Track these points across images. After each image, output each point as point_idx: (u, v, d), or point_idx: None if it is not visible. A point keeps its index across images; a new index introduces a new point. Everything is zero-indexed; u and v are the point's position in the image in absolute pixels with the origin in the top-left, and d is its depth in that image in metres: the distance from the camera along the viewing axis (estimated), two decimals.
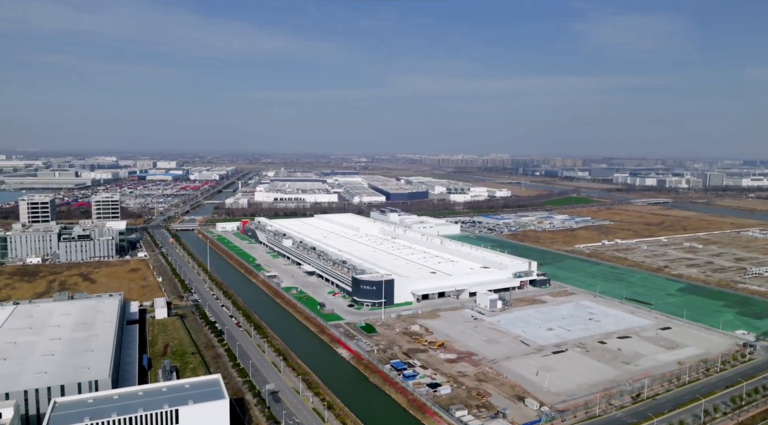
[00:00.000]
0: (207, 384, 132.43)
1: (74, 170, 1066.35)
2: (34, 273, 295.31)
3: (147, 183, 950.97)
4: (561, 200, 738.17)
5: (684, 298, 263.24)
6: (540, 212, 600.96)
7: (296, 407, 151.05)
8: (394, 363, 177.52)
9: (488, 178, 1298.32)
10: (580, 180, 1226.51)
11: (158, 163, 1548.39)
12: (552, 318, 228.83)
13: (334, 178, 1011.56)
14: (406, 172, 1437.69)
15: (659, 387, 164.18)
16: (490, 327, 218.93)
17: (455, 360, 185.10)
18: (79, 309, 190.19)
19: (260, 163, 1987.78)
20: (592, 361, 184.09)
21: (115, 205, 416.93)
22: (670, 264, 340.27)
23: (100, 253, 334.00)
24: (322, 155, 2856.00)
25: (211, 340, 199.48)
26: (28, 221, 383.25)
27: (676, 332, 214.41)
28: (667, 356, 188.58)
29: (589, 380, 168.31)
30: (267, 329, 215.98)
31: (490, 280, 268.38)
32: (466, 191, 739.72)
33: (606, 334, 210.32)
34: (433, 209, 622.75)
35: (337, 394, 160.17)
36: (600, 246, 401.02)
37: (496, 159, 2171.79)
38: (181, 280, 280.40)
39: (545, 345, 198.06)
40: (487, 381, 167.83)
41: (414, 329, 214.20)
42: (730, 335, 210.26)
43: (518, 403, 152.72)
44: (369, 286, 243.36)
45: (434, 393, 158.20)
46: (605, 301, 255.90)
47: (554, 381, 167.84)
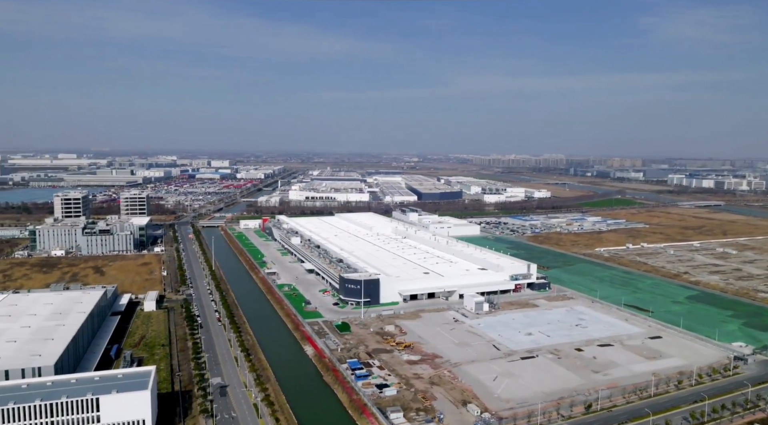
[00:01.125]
0: (138, 375, 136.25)
1: (130, 169, 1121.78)
2: (53, 265, 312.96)
3: (195, 181, 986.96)
4: (601, 202, 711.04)
5: (690, 306, 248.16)
6: (573, 214, 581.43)
7: (238, 401, 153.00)
8: (350, 363, 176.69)
9: (535, 178, 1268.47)
10: (632, 181, 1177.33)
11: (212, 162, 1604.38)
12: (537, 323, 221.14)
13: (374, 177, 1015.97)
14: (452, 171, 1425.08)
15: (620, 399, 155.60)
16: (467, 329, 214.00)
17: (417, 361, 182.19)
18: (63, 299, 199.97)
19: (311, 163, 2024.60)
20: (559, 369, 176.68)
21: (142, 202, 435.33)
22: (691, 270, 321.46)
23: (119, 247, 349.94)
24: (375, 155, 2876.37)
25: (186, 333, 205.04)
26: (61, 216, 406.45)
27: (665, 342, 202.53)
28: (644, 366, 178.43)
29: (549, 388, 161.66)
30: (245, 324, 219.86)
31: (484, 282, 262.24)
32: (502, 191, 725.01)
33: (587, 341, 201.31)
34: (463, 209, 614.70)
35: (285, 391, 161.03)
36: (623, 249, 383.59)
37: (550, 159, 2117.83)
38: (182, 275, 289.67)
39: (516, 351, 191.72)
40: (439, 384, 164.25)
41: (388, 329, 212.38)
42: (723, 347, 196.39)
43: (461, 408, 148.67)
44: (354, 285, 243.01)
45: (380, 394, 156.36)
46: (602, 307, 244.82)
47: (510, 387, 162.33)
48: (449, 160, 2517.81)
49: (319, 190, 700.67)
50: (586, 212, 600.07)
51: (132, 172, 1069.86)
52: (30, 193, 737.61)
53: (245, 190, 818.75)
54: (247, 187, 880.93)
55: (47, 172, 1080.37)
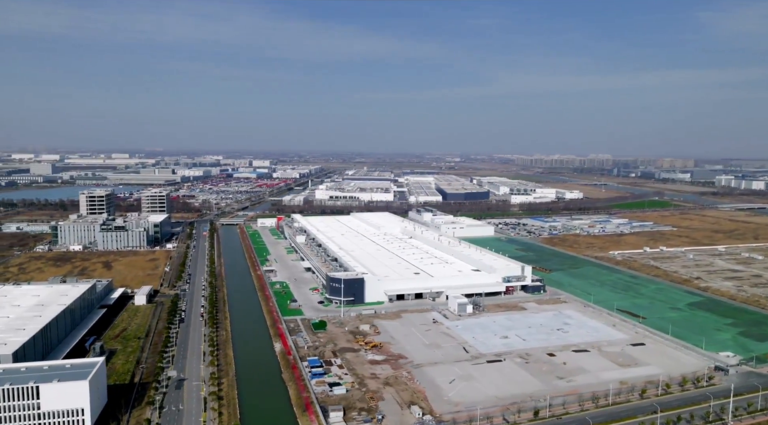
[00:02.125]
0: (84, 366, 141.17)
1: (172, 168, 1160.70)
2: (68, 259, 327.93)
3: (231, 180, 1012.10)
4: (633, 203, 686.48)
5: (688, 313, 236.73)
6: (600, 215, 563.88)
7: (190, 395, 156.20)
8: (310, 361, 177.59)
9: (574, 179, 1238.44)
10: (678, 182, 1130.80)
11: (254, 161, 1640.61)
12: (518, 326, 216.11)
13: (407, 177, 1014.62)
14: (490, 172, 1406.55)
15: (575, 406, 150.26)
16: (443, 331, 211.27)
17: (380, 361, 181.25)
18: (50, 292, 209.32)
19: (352, 162, 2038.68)
20: (523, 373, 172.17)
21: (162, 200, 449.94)
22: (705, 275, 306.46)
23: (133, 243, 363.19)
24: (418, 155, 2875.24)
25: (165, 327, 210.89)
26: (86, 212, 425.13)
27: (647, 349, 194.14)
28: (615, 374, 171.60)
29: (504, 392, 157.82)
30: (226, 320, 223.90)
31: (473, 284, 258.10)
32: (530, 192, 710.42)
33: (563, 346, 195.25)
34: (486, 210, 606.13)
35: (240, 386, 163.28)
36: (639, 253, 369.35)
37: (596, 159, 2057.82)
38: (182, 271, 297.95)
39: (485, 354, 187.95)
40: (393, 385, 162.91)
41: (363, 328, 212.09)
42: (708, 356, 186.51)
43: (405, 410, 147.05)
44: (338, 284, 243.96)
45: (329, 392, 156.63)
46: (593, 312, 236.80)
47: (464, 390, 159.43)
48: (492, 161, 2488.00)
49: (345, 190, 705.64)
50: (614, 214, 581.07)
51: (173, 171, 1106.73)
52: (74, 190, 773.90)
53: (276, 189, 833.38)
54: (280, 186, 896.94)
55: (95, 171, 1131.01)
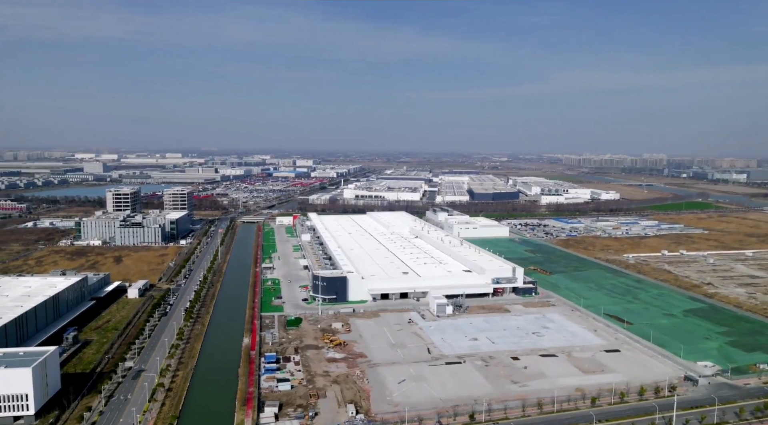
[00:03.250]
0: (34, 354, 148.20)
1: (215, 167, 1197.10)
2: (84, 253, 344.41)
3: (269, 179, 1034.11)
4: (670, 205, 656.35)
5: (681, 320, 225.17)
6: (631, 217, 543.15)
7: (142, 385, 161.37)
8: (267, 357, 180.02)
9: (619, 179, 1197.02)
10: (731, 183, 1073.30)
11: (298, 161, 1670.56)
12: (493, 328, 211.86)
13: (442, 177, 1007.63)
14: (531, 171, 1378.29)
15: (518, 412, 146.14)
16: (414, 331, 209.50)
17: (338, 359, 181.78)
18: (41, 284, 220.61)
19: (395, 162, 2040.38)
20: (477, 376, 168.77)
21: (183, 198, 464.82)
22: (719, 281, 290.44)
23: (148, 239, 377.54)
24: (466, 154, 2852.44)
25: (145, 320, 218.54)
26: (112, 209, 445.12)
27: (620, 356, 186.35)
28: (573, 380, 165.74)
29: (451, 395, 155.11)
30: (208, 314, 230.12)
31: (461, 284, 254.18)
32: (561, 193, 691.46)
33: (532, 350, 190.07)
34: (512, 210, 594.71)
35: (194, 379, 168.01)
36: (656, 256, 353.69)
37: (649, 159, 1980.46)
38: (183, 266, 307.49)
39: (447, 355, 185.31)
40: (341, 383, 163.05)
41: (335, 326, 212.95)
42: (684, 365, 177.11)
43: (342, 408, 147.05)
44: (322, 283, 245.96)
45: (274, 388, 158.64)
46: (579, 316, 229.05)
47: (411, 391, 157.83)
48: (540, 160, 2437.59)
49: (372, 189, 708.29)
50: (646, 215, 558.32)
51: (216, 170, 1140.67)
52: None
53: (309, 189, 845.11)
54: (314, 185, 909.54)
55: (144, 170, 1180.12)
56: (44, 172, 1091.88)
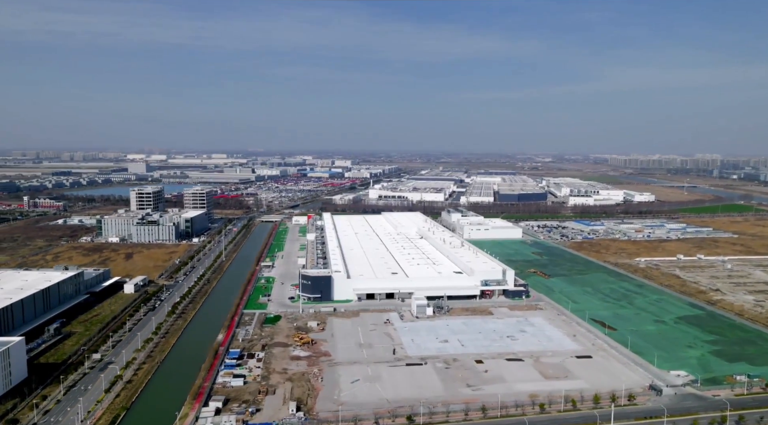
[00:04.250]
0: (2, 344, 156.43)
1: (252, 168, 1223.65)
2: (99, 250, 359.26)
3: (302, 179, 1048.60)
4: (705, 207, 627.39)
5: (669, 327, 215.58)
6: (659, 219, 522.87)
7: (106, 377, 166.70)
8: (231, 353, 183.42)
9: (663, 180, 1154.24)
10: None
11: (336, 161, 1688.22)
12: (468, 331, 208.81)
13: (473, 177, 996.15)
14: (571, 172, 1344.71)
15: (459, 416, 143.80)
16: (387, 332, 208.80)
17: (301, 357, 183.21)
18: (38, 278, 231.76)
19: (434, 162, 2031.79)
20: (432, 378, 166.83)
21: (202, 197, 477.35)
22: (730, 287, 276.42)
23: (163, 237, 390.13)
24: (509, 155, 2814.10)
25: (131, 315, 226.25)
26: (135, 207, 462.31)
27: (591, 362, 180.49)
28: (531, 386, 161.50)
29: (399, 396, 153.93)
30: (194, 310, 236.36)
31: (448, 286, 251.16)
32: (591, 194, 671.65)
33: (500, 354, 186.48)
34: (536, 211, 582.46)
35: (158, 372, 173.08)
36: (670, 260, 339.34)
37: (701, 159, 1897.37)
38: (185, 263, 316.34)
39: (411, 356, 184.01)
40: (295, 381, 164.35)
41: (311, 325, 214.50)
42: (656, 374, 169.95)
43: (285, 405, 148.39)
44: (307, 281, 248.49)
45: (227, 383, 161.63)
46: (563, 320, 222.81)
47: (360, 391, 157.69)
48: (585, 161, 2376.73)
49: (398, 189, 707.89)
50: (677, 218, 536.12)
51: (253, 170, 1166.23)
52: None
53: (338, 189, 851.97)
54: (344, 185, 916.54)
55: (185, 170, 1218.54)
56: (93, 171, 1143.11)
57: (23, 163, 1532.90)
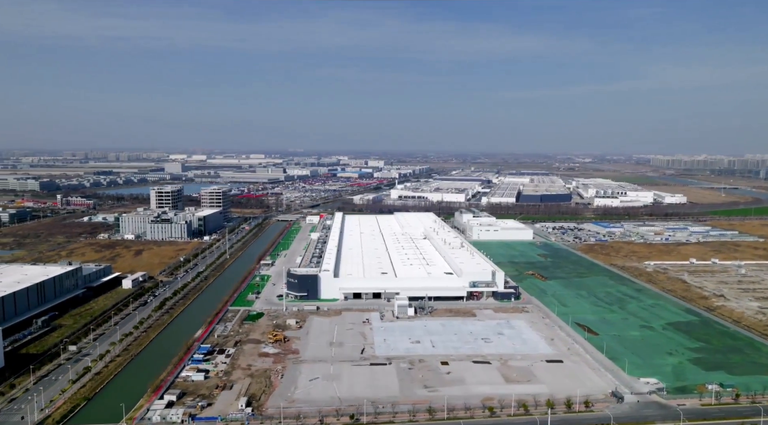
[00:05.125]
0: None
1: (284, 167, 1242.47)
2: (112, 246, 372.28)
3: (329, 180, 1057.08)
4: (739, 210, 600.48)
5: (655, 333, 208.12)
6: (683, 222, 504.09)
7: (79, 367, 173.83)
8: (201, 348, 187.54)
9: (705, 181, 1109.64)
10: None
11: (369, 161, 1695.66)
12: (444, 332, 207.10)
13: (501, 178, 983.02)
14: (608, 173, 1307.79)
15: (404, 416, 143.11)
16: (363, 331, 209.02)
17: (270, 354, 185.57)
18: (37, 272, 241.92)
19: (470, 162, 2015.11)
20: (391, 379, 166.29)
21: (218, 196, 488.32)
22: (738, 293, 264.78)
23: (175, 235, 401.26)
24: (548, 155, 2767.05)
25: (120, 309, 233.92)
26: (155, 206, 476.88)
27: (560, 367, 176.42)
28: (489, 389, 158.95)
29: (350, 395, 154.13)
30: (183, 306, 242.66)
31: (435, 286, 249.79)
32: (617, 195, 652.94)
33: (468, 356, 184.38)
34: (556, 213, 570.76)
35: (129, 366, 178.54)
36: (681, 265, 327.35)
37: (750, 160, 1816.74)
38: (189, 260, 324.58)
39: (378, 356, 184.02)
40: (255, 377, 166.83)
41: (289, 323, 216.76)
42: (624, 380, 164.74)
43: (237, 401, 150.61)
44: (294, 280, 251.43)
45: (189, 378, 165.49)
46: (545, 324, 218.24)
47: (315, 390, 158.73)
48: (628, 161, 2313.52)
49: (419, 190, 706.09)
50: (703, 220, 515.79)
51: (284, 170, 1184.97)
52: (189, 188, 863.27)
53: (364, 189, 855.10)
54: (370, 185, 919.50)
55: (219, 170, 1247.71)
56: (132, 171, 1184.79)
57: (71, 163, 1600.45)
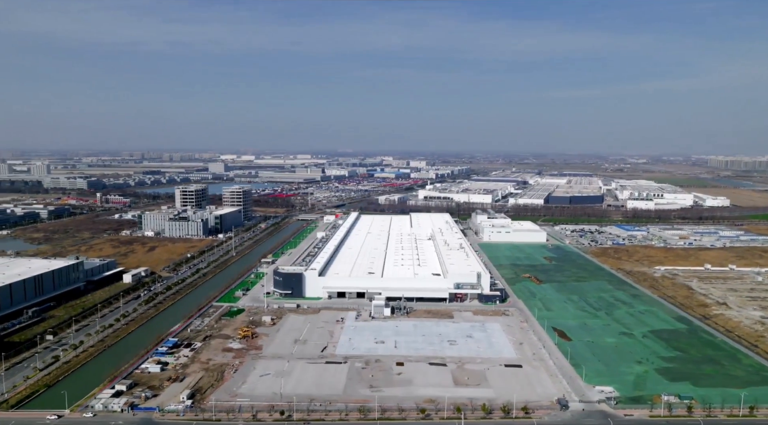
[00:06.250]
0: None
1: (322, 168, 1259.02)
2: (130, 242, 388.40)
3: (364, 180, 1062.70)
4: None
5: (633, 341, 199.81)
6: (715, 226, 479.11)
7: (49, 356, 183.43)
8: (168, 341, 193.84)
9: (759, 184, 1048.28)
10: None
11: (411, 162, 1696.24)
12: (412, 333, 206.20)
13: (537, 179, 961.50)
14: (656, 174, 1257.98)
15: (335, 415, 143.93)
16: (332, 330, 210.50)
17: (233, 350, 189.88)
18: (40, 266, 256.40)
19: (516, 163, 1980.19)
20: (340, 378, 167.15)
21: (239, 195, 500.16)
22: (742, 301, 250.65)
23: (191, 232, 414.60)
24: (601, 156, 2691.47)
25: (110, 303, 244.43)
26: (180, 205, 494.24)
27: (517, 371, 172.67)
28: (433, 391, 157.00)
29: (294, 392, 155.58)
30: (175, 301, 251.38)
31: (418, 288, 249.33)
32: (652, 198, 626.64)
33: (427, 357, 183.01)
34: (583, 215, 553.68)
35: (100, 356, 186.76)
36: (693, 271, 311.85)
37: None
38: (194, 257, 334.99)
39: (336, 355, 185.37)
40: (210, 371, 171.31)
41: (265, 320, 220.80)
42: (579, 388, 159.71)
43: (181, 393, 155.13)
44: (279, 278, 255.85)
45: (146, 369, 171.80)
46: (520, 328, 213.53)
47: (261, 385, 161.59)
48: (685, 162, 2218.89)
49: (446, 191, 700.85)
50: (739, 225, 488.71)
51: (323, 170, 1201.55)
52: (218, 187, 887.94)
53: (395, 189, 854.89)
54: (404, 185, 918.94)
55: (260, 170, 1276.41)
56: (179, 171, 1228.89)
57: (126, 163, 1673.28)
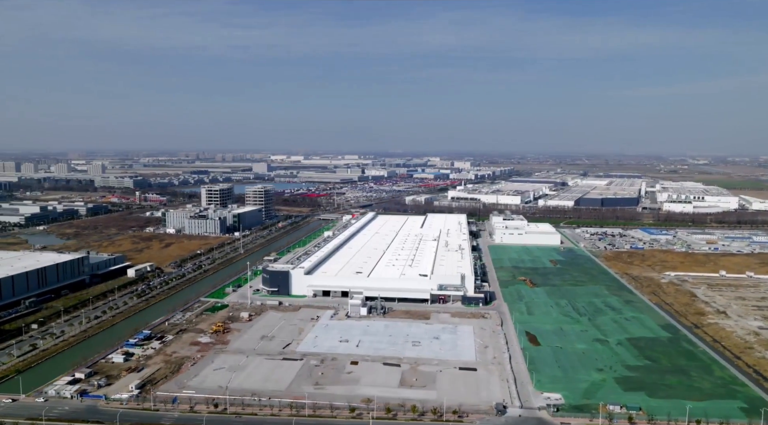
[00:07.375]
0: None
1: (362, 168, 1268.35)
2: (150, 239, 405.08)
3: (401, 180, 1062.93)
4: None
5: (605, 348, 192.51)
6: (754, 231, 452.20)
7: (26, 344, 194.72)
8: (141, 334, 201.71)
9: None
10: None
11: (456, 162, 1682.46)
12: (380, 333, 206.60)
13: (577, 180, 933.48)
14: (711, 176, 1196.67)
15: (267, 410, 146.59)
16: (303, 328, 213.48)
17: (200, 343, 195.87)
18: (48, 259, 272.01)
19: (566, 164, 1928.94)
20: (290, 374, 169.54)
21: (260, 195, 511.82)
22: (745, 311, 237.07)
23: (209, 230, 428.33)
24: (657, 156, 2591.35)
25: (106, 295, 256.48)
26: (205, 203, 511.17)
27: (468, 374, 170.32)
28: (374, 391, 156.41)
29: (240, 386, 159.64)
30: (171, 296, 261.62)
31: (400, 288, 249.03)
32: (692, 200, 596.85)
33: (384, 358, 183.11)
34: (612, 218, 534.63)
35: (78, 346, 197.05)
36: (706, 277, 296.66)
37: None
38: (202, 254, 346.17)
39: (296, 352, 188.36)
40: (170, 363, 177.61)
41: (242, 315, 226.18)
42: (526, 393, 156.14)
43: (132, 383, 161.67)
44: (267, 276, 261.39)
45: (111, 359, 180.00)
46: (492, 332, 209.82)
47: (212, 378, 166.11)
48: (752, 163, 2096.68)
49: (476, 191, 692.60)
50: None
51: (363, 171, 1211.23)
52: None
53: (429, 189, 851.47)
54: (439, 186, 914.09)
55: (302, 170, 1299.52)
56: (225, 171, 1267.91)
57: (180, 163, 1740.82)
